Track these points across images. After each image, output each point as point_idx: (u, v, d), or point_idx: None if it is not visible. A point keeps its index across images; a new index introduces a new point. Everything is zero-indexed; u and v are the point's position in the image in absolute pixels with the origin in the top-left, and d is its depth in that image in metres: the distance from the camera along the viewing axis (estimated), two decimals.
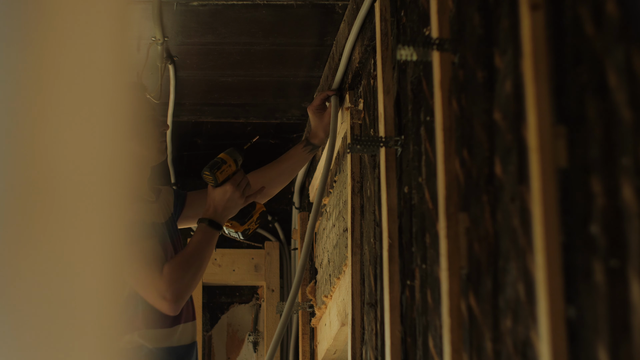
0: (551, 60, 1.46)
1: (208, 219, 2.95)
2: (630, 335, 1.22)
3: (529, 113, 1.46)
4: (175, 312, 2.81)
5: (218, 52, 3.69)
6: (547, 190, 1.41)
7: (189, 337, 2.96)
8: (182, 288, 2.81)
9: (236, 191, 2.99)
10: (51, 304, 0.84)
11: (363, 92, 3.00)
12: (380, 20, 2.57)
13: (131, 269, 2.79)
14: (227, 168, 3.03)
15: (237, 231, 3.12)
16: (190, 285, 2.83)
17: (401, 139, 2.41)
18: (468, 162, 1.85)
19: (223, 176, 3.01)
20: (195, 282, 2.85)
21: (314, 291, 4.00)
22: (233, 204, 2.99)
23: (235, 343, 4.98)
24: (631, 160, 1.24)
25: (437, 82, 1.96)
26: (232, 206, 2.99)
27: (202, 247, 2.89)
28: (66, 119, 0.86)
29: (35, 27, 0.85)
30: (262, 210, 3.15)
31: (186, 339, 2.94)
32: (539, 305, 1.39)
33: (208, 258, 2.91)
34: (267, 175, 3.30)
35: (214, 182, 3.00)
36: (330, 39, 3.56)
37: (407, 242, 2.30)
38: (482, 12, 1.81)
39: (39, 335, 0.83)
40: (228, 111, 4.27)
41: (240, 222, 3.11)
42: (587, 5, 1.37)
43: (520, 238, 1.55)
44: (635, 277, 1.21)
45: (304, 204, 4.47)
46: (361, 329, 2.82)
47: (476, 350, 1.75)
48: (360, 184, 2.96)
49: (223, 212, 2.97)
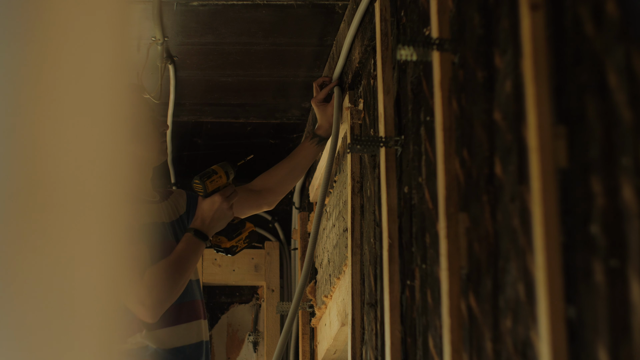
0: (551, 60, 1.46)
1: (194, 228, 2.92)
2: (630, 335, 1.22)
3: (529, 113, 1.46)
4: (153, 319, 2.76)
5: (218, 52, 3.69)
6: (547, 190, 1.41)
7: (195, 336, 2.94)
8: (162, 296, 2.76)
9: (224, 202, 2.96)
10: (51, 305, 0.84)
11: (363, 92, 3.00)
12: (380, 20, 2.57)
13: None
14: (218, 179, 3.02)
15: (224, 247, 3.09)
16: (170, 294, 2.79)
17: (401, 139, 2.41)
18: (468, 162, 1.85)
19: (213, 186, 3.00)
20: (176, 291, 2.81)
21: (314, 291, 4.00)
22: (221, 215, 2.96)
23: (235, 343, 4.98)
24: (631, 160, 1.24)
25: (437, 82, 1.96)
26: (220, 217, 2.96)
27: (185, 256, 2.86)
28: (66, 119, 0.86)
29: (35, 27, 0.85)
30: (251, 229, 3.13)
31: (192, 338, 2.92)
32: (539, 305, 1.39)
33: (192, 268, 2.87)
34: (280, 173, 3.31)
35: (203, 192, 2.98)
36: (330, 39, 3.56)
37: (407, 242, 2.30)
38: (482, 12, 1.81)
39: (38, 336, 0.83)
40: (228, 111, 4.27)
41: (228, 238, 3.08)
42: (587, 5, 1.37)
43: (520, 238, 1.55)
44: (635, 277, 1.21)
45: (304, 204, 4.47)
46: (361, 329, 2.82)
47: (476, 350, 1.75)
48: (360, 184, 2.96)
49: (210, 223, 2.94)
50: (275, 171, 3.32)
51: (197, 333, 2.94)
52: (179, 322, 2.90)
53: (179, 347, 2.89)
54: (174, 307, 2.88)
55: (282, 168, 3.33)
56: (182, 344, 2.89)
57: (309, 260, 3.10)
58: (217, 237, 3.06)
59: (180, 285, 2.83)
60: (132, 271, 2.75)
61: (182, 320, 2.91)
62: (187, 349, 2.90)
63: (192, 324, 2.93)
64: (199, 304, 2.97)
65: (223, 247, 3.07)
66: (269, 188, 3.30)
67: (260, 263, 4.86)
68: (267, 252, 4.87)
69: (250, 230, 3.11)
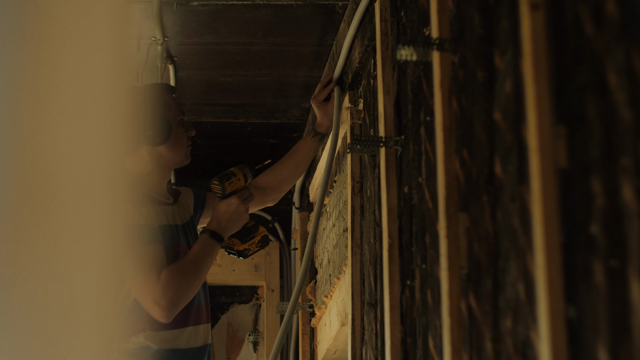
0: (551, 60, 1.46)
1: (210, 230, 2.95)
2: (630, 335, 1.22)
3: (529, 113, 1.46)
4: (167, 319, 2.78)
5: (218, 52, 3.69)
6: (547, 190, 1.41)
7: (199, 339, 2.94)
8: (177, 296, 2.78)
9: (241, 205, 2.99)
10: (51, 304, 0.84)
11: (363, 92, 3.00)
12: (380, 20, 2.57)
13: (129, 273, 2.78)
14: (236, 181, 3.04)
15: (237, 249, 3.11)
16: (186, 294, 2.81)
17: (401, 139, 2.41)
18: (468, 162, 1.85)
19: (231, 188, 3.02)
20: (191, 291, 2.83)
21: (314, 291, 4.00)
22: (237, 217, 2.99)
23: (235, 343, 4.98)
24: (631, 160, 1.24)
25: (437, 82, 1.96)
26: (236, 219, 2.99)
27: (201, 257, 2.88)
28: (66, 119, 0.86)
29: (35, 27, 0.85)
30: (264, 234, 3.15)
31: (195, 342, 2.93)
32: (539, 305, 1.39)
33: (207, 269, 2.89)
34: (284, 171, 3.34)
35: (221, 193, 3.00)
36: (330, 39, 3.56)
37: (407, 242, 2.30)
38: (482, 12, 1.81)
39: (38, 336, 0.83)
40: (228, 111, 4.27)
41: (242, 241, 3.10)
42: (587, 5, 1.37)
43: (520, 238, 1.55)
44: (635, 277, 1.21)
45: (304, 204, 4.47)
46: (361, 329, 2.82)
47: (476, 350, 1.75)
48: (360, 184, 2.96)
49: (227, 224, 2.97)
50: (278, 169, 3.35)
51: (201, 337, 2.95)
52: (185, 325, 2.90)
53: (182, 349, 2.89)
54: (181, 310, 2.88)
55: (285, 166, 3.35)
56: (185, 347, 2.90)
57: (307, 260, 3.10)
58: (231, 239, 3.08)
59: (196, 286, 2.85)
60: (147, 271, 2.77)
61: (188, 323, 2.91)
62: (190, 352, 2.90)
63: (198, 328, 2.93)
64: (203, 308, 2.98)
65: (235, 249, 3.10)
66: (274, 186, 3.34)
67: (260, 263, 4.87)
68: (267, 252, 4.87)
69: (263, 234, 3.14)
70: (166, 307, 2.76)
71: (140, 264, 2.78)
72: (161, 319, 2.78)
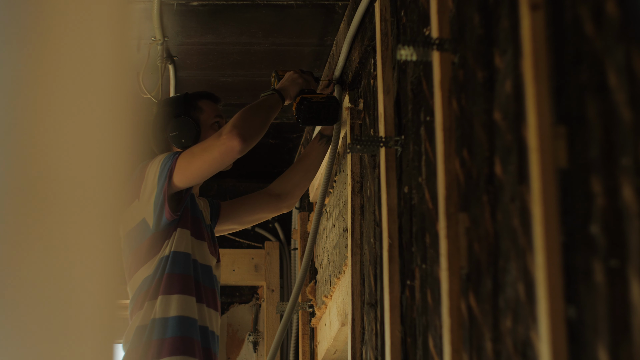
0: (551, 60, 1.46)
1: (274, 89, 3.12)
2: (630, 335, 1.22)
3: (529, 113, 1.46)
4: (243, 141, 2.87)
5: (218, 52, 3.69)
6: (547, 190, 1.41)
7: (208, 321, 2.96)
8: (253, 123, 2.92)
9: (295, 73, 3.17)
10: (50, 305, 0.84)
11: (363, 92, 3.00)
12: (380, 20, 2.57)
13: (194, 153, 2.90)
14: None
15: (307, 97, 3.19)
16: (259, 127, 2.94)
17: (401, 139, 2.41)
18: (468, 162, 1.86)
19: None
20: (264, 125, 2.96)
21: (314, 291, 4.00)
22: (294, 80, 3.16)
23: (235, 343, 4.98)
24: (631, 160, 1.24)
25: (437, 82, 1.96)
26: (293, 80, 3.15)
27: (266, 104, 3.03)
28: (66, 119, 0.86)
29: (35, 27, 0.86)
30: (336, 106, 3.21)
31: (209, 323, 2.95)
32: (539, 305, 1.39)
33: (272, 115, 3.03)
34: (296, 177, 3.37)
35: (277, 80, 3.21)
36: (330, 39, 3.56)
37: (407, 242, 2.30)
38: (482, 12, 1.81)
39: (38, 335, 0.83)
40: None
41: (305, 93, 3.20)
42: (587, 5, 1.37)
43: (520, 238, 1.55)
44: (635, 277, 1.21)
45: (304, 204, 4.47)
46: (361, 329, 2.82)
47: (476, 350, 1.75)
48: (360, 184, 2.96)
49: (285, 84, 3.14)
50: (290, 175, 3.38)
51: (213, 321, 2.97)
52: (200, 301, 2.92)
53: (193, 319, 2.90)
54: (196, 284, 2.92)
55: (297, 171, 3.38)
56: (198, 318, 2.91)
57: (307, 260, 3.10)
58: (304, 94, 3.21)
59: (266, 122, 2.99)
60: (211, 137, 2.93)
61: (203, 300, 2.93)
62: (201, 327, 2.92)
63: (212, 312, 2.96)
64: (216, 297, 3.00)
65: (296, 103, 3.17)
66: (288, 192, 3.37)
67: (260, 263, 4.86)
68: (267, 252, 4.87)
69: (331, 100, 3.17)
70: (242, 130, 2.87)
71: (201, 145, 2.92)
72: (237, 140, 2.86)
